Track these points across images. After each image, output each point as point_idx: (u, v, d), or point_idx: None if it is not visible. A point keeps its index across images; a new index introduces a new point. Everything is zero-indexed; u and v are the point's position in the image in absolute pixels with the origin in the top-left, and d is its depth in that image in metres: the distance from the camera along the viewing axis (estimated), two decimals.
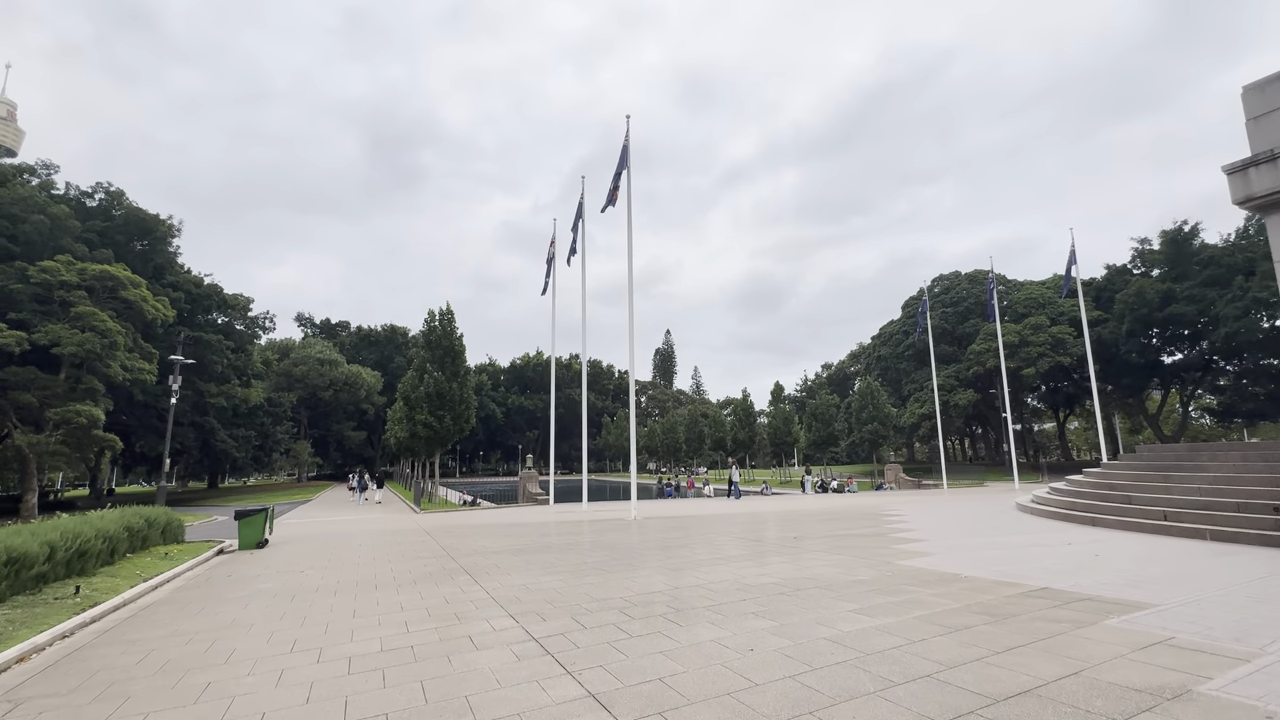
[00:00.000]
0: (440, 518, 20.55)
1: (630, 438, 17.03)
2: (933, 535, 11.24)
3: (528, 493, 27.00)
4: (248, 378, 50.68)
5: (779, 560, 9.02)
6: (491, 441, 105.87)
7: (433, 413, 29.26)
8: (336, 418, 76.15)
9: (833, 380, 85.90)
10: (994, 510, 16.20)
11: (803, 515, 16.70)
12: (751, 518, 16.44)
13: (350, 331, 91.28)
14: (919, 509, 17.68)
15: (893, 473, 36.77)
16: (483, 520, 18.54)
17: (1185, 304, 41.36)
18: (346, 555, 11.70)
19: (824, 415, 49.22)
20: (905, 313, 62.78)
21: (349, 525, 18.96)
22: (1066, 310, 48.63)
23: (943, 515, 15.45)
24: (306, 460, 66.74)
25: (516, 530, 14.83)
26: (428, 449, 31.31)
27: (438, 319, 31.73)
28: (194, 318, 42.91)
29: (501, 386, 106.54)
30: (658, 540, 11.95)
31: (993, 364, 46.99)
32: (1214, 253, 42.15)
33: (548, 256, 24.55)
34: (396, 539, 14.16)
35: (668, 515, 18.09)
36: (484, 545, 12.12)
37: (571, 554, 10.44)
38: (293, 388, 62.81)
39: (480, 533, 14.63)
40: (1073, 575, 7.15)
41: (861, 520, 14.52)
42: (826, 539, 11.22)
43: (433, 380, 29.33)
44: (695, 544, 11.19)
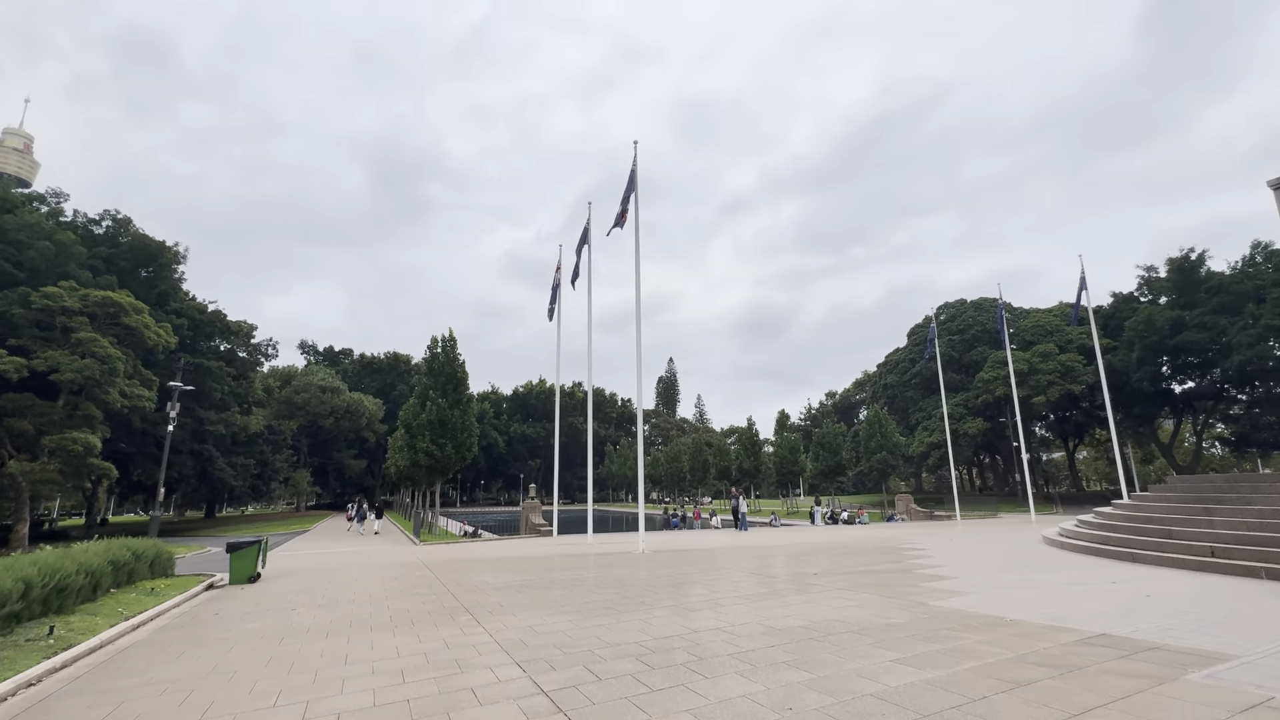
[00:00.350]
0: (440, 550, 19.86)
1: (637, 467, 16.48)
2: (962, 572, 10.62)
3: (530, 524, 26.27)
4: (249, 405, 50.25)
5: (802, 599, 8.43)
6: (493, 470, 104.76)
7: (434, 440, 28.71)
8: (337, 446, 75.43)
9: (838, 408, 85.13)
10: (1020, 544, 15.52)
11: (818, 549, 16.03)
12: (765, 551, 15.78)
13: (353, 359, 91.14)
14: (939, 542, 16.99)
15: (904, 503, 35.90)
16: (484, 553, 17.88)
17: (1196, 331, 40.91)
18: (341, 591, 11.10)
19: (831, 444, 48.44)
20: (911, 340, 62.39)
21: (346, 558, 18.30)
22: (1074, 338, 48.22)
23: (966, 549, 14.79)
24: (306, 489, 65.81)
25: (520, 564, 14.20)
26: (429, 478, 30.67)
27: (440, 345, 31.42)
28: (196, 344, 42.71)
29: (504, 414, 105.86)
30: (669, 576, 11.33)
31: (1002, 392, 46.40)
32: (1222, 280, 41.87)
33: (553, 283, 24.31)
34: (394, 573, 13.54)
35: (677, 548, 17.42)
36: (486, 581, 11.52)
37: (579, 591, 9.84)
38: (294, 415, 62.29)
39: (482, 567, 14.00)
40: (1129, 619, 6.57)
41: (881, 555, 13.86)
42: (849, 575, 10.60)
43: (435, 407, 28.86)
44: (710, 580, 10.58)
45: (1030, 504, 31.04)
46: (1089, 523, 13.79)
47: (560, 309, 24.62)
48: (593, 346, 21.47)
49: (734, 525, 30.21)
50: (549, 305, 24.06)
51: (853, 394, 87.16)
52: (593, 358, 21.21)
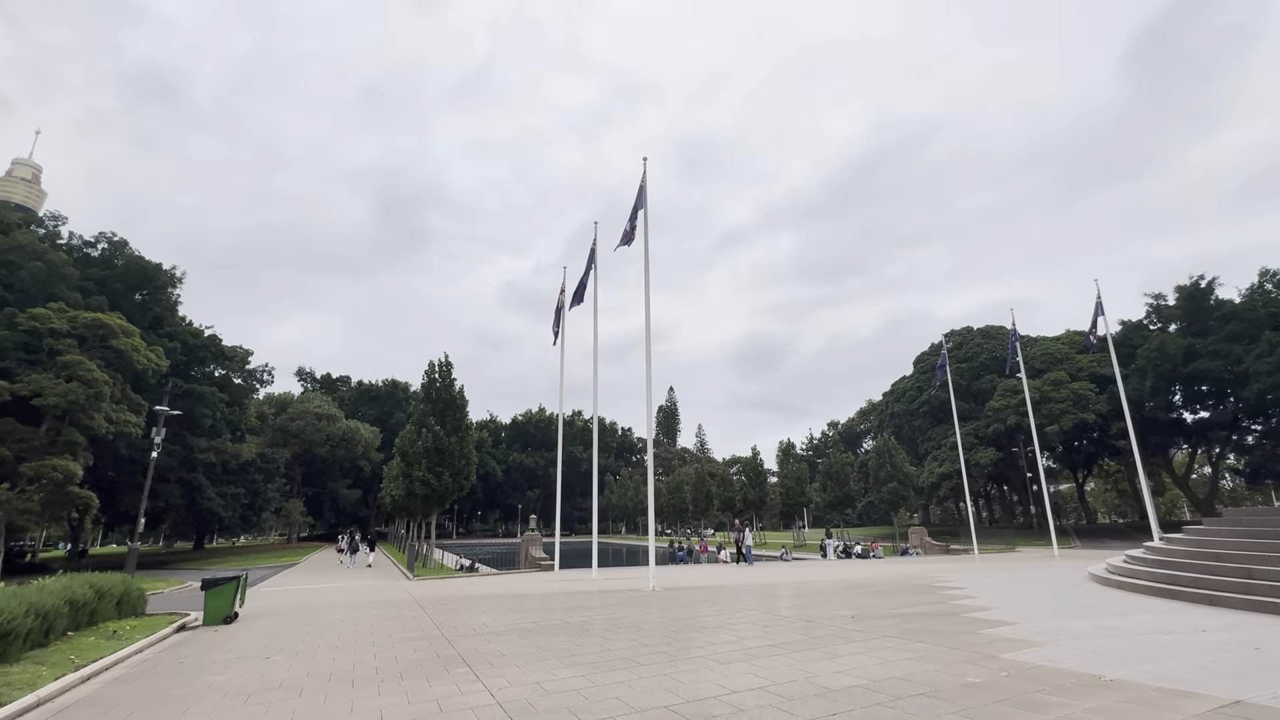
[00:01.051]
0: (435, 586, 18.61)
1: (647, 498, 15.42)
2: (1017, 614, 9.53)
3: (530, 557, 24.98)
4: (241, 432, 49.06)
5: (849, 649, 7.36)
6: (491, 500, 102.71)
7: (431, 469, 27.57)
8: (332, 475, 73.85)
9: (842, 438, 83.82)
10: (1065, 581, 14.35)
11: (843, 586, 14.87)
12: (785, 589, 14.62)
13: (350, 387, 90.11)
14: (973, 578, 15.82)
15: (917, 536, 34.53)
16: (482, 589, 16.66)
17: (1210, 359, 40.12)
18: (324, 635, 9.98)
19: (839, 475, 47.14)
20: (918, 368, 61.51)
21: (334, 594, 17.06)
22: (1085, 366, 47.41)
23: (1008, 587, 13.65)
24: (298, 520, 64.02)
25: (521, 603, 13.04)
26: (425, 508, 29.41)
27: (437, 370, 30.51)
28: (189, 369, 41.79)
29: (503, 443, 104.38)
30: (688, 619, 10.22)
31: (1014, 421, 45.37)
32: (1235, 308, 41.28)
33: (557, 305, 23.55)
34: (384, 613, 12.38)
35: (689, 585, 16.23)
36: (485, 623, 10.39)
37: (590, 637, 8.75)
38: (288, 443, 60.97)
39: (480, 606, 12.85)
40: (1256, 681, 5.53)
41: (917, 593, 12.73)
42: (891, 619, 9.51)
43: (431, 434, 27.80)
44: (736, 624, 9.48)
45: (1052, 537, 29.75)
46: (1143, 559, 12.70)
47: (565, 331, 23.80)
48: (592, 378, 20.57)
49: (736, 559, 28.80)
50: (553, 327, 23.25)
51: (857, 423, 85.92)
52: (589, 389, 20.31)
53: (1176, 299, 46.05)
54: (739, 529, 29.12)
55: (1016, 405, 45.25)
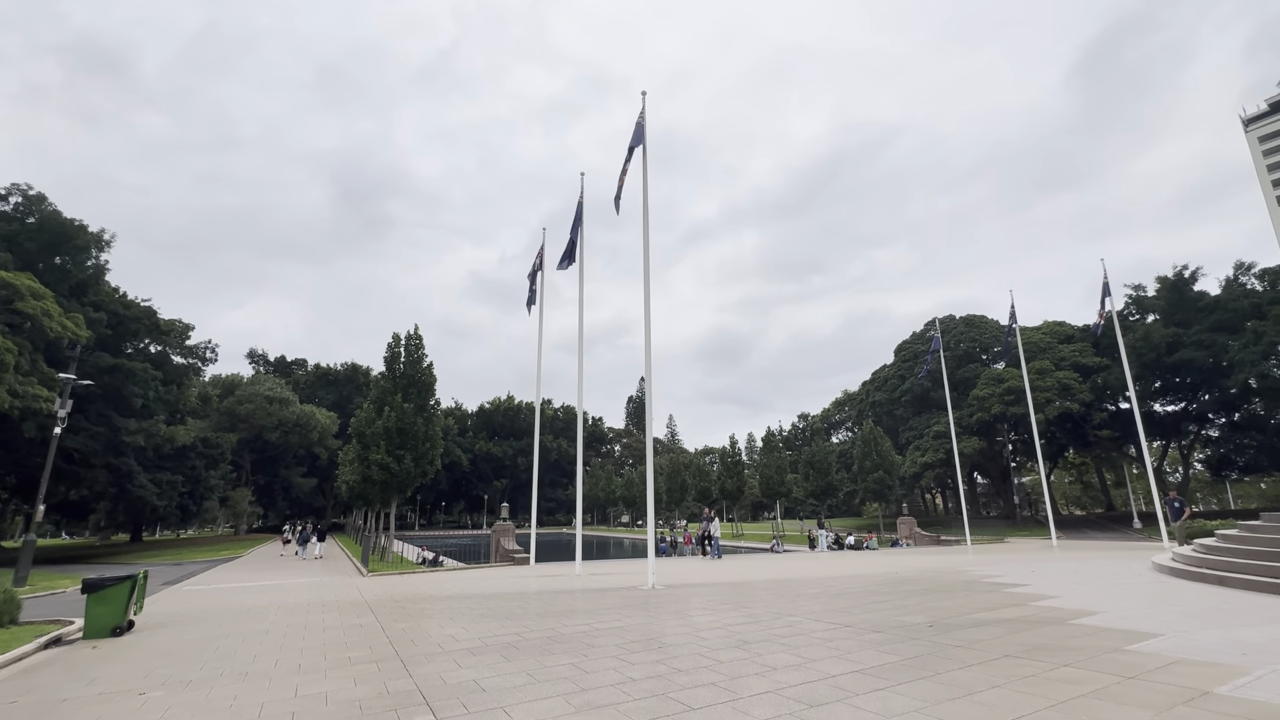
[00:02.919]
0: (393, 583, 16.02)
1: (646, 486, 13.16)
2: (1137, 619, 7.60)
3: (502, 549, 22.49)
4: (182, 414, 44.97)
5: (975, 678, 5.23)
6: (456, 491, 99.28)
7: (391, 452, 24.74)
8: (285, 462, 69.53)
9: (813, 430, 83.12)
10: (1132, 574, 12.58)
11: (880, 583, 12.89)
12: (813, 586, 12.56)
13: (307, 370, 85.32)
14: (1017, 570, 14.03)
15: (907, 527, 33.19)
16: (449, 588, 14.17)
17: (1194, 349, 39.86)
18: (236, 655, 7.44)
19: (822, 464, 45.73)
20: (900, 357, 60.65)
21: (270, 594, 14.34)
22: (1067, 356, 46.98)
23: (1077, 582, 11.83)
24: (246, 510, 59.75)
25: (498, 606, 10.64)
26: (383, 496, 26.58)
27: (402, 344, 27.61)
28: (119, 344, 37.65)
29: (469, 431, 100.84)
30: (718, 628, 7.99)
31: (998, 410, 44.62)
32: (1218, 298, 41.16)
33: (532, 270, 21.01)
34: (324, 621, 9.83)
35: (695, 582, 14.04)
36: (453, 636, 7.98)
37: (598, 657, 6.44)
38: (235, 428, 56.67)
39: (446, 609, 10.40)
40: None
41: (975, 592, 10.79)
42: (981, 628, 7.46)
43: (394, 413, 24.95)
44: (787, 637, 7.29)
45: (1051, 528, 28.65)
46: (1219, 549, 11.04)
47: (542, 321, 21.30)
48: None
49: (703, 552, 25.25)
50: (529, 293, 20.70)
51: (833, 414, 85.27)
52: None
53: (1158, 290, 45.89)
54: (708, 518, 25.94)
55: (1001, 394, 44.52)
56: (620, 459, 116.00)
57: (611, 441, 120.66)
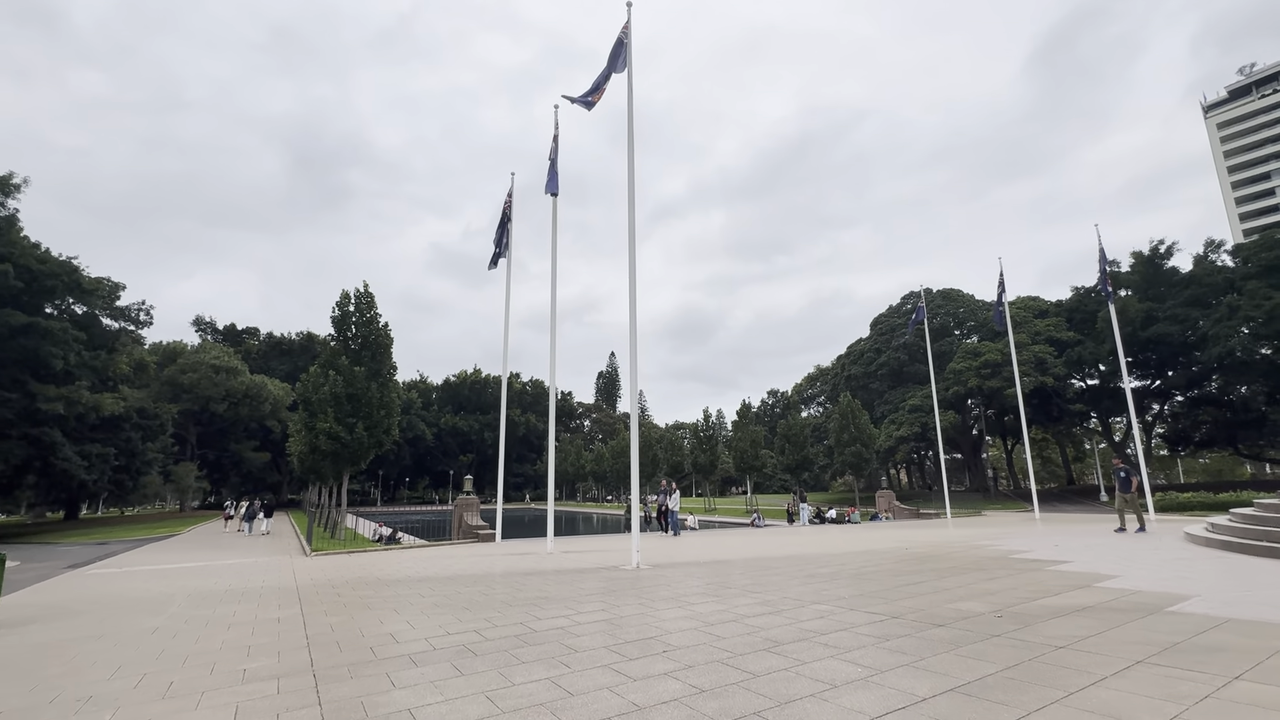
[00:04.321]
0: (337, 563, 14.04)
1: (630, 448, 11.43)
2: (1236, 604, 6.25)
3: (466, 526, 20.62)
4: (115, 382, 41.36)
5: (1122, 700, 3.68)
6: (420, 466, 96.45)
7: (340, 420, 22.47)
8: (235, 436, 65.78)
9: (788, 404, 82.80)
10: (1163, 546, 11.44)
11: (895, 560, 11.50)
12: (821, 565, 11.09)
13: (259, 340, 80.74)
14: (1038, 544, 12.84)
15: (885, 501, 32.49)
16: (401, 568, 12.29)
17: (1168, 324, 39.94)
18: (92, 667, 5.46)
19: (797, 438, 44.86)
20: (876, 330, 60.06)
21: (187, 578, 12.22)
22: (1043, 330, 46.86)
23: (1117, 556, 10.61)
24: (192, 485, 56.19)
25: (455, 592, 8.82)
26: (334, 468, 24.31)
27: (353, 302, 25.11)
28: (37, 302, 33.92)
29: (434, 405, 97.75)
30: (737, 626, 6.33)
31: (974, 383, 44.29)
32: (1193, 273, 41.23)
33: (501, 217, 18.81)
34: (235, 615, 7.86)
35: (683, 561, 12.46)
36: (393, 635, 6.14)
37: (583, 669, 4.70)
38: (179, 399, 52.85)
39: (392, 598, 8.53)
40: None
41: (1013, 571, 9.42)
42: (1058, 618, 5.98)
43: (341, 378, 22.61)
44: (823, 632, 5.66)
45: (1034, 501, 28.13)
46: (1269, 518, 9.94)
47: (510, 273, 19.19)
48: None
49: (661, 528, 22.26)
50: (495, 242, 18.54)
51: (805, 388, 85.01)
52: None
53: (1132, 265, 45.91)
54: (664, 491, 22.43)
55: (978, 367, 44.15)
56: (590, 434, 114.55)
57: (581, 416, 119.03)
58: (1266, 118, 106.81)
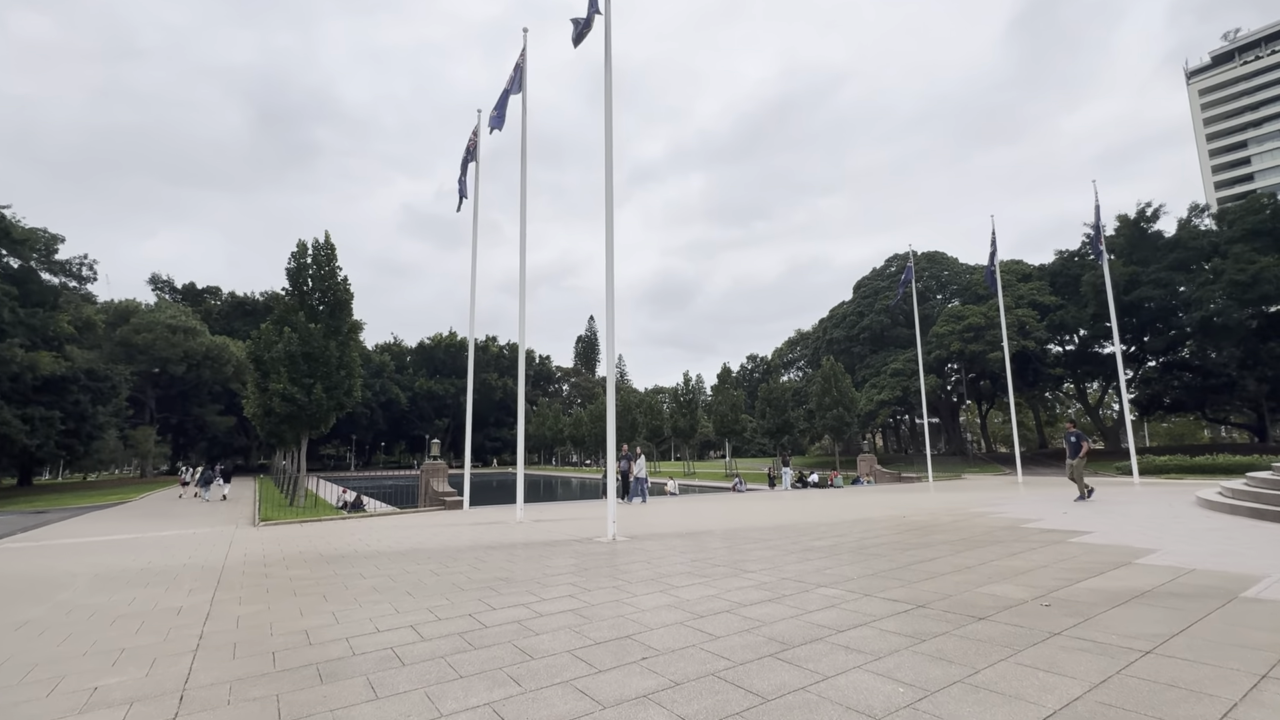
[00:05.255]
0: (283, 535, 12.78)
1: (607, 406, 10.24)
2: None
3: (433, 492, 19.46)
4: (59, 341, 38.83)
5: None
6: (395, 431, 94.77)
7: (296, 380, 20.88)
8: (198, 400, 63.33)
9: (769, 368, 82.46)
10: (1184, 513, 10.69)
11: (896, 531, 10.62)
12: (812, 537, 10.14)
13: (222, 299, 77.31)
14: (1046, 511, 12.10)
15: (867, 464, 32.11)
16: (352, 542, 11.08)
17: (1152, 288, 39.69)
18: None
19: (778, 402, 44.26)
20: (859, 294, 59.30)
21: (107, 552, 10.85)
22: (1025, 294, 46.49)
23: (1136, 524, 9.84)
24: (152, 450, 53.96)
25: (404, 571, 7.61)
26: (292, 431, 22.81)
27: (310, 253, 23.21)
28: None
29: (408, 368, 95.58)
30: (732, 618, 5.24)
31: (957, 347, 43.92)
32: (1179, 236, 40.86)
33: (466, 148, 17.09)
34: (136, 603, 6.55)
35: (669, 532, 11.45)
36: (307, 633, 4.90)
37: (539, 689, 3.53)
38: (133, 360, 50.17)
39: (329, 579, 7.27)
40: None
41: (1027, 541, 8.55)
42: (1117, 606, 5.00)
43: (296, 336, 20.94)
44: (848, 632, 4.60)
45: (1018, 466, 27.90)
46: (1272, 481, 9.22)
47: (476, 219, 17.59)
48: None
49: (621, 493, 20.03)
50: (459, 181, 16.88)
51: (785, 353, 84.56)
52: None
53: (1117, 229, 45.41)
54: (625, 455, 20.64)
55: (961, 331, 43.70)
56: (568, 398, 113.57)
57: (559, 380, 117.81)
58: (1248, 85, 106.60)
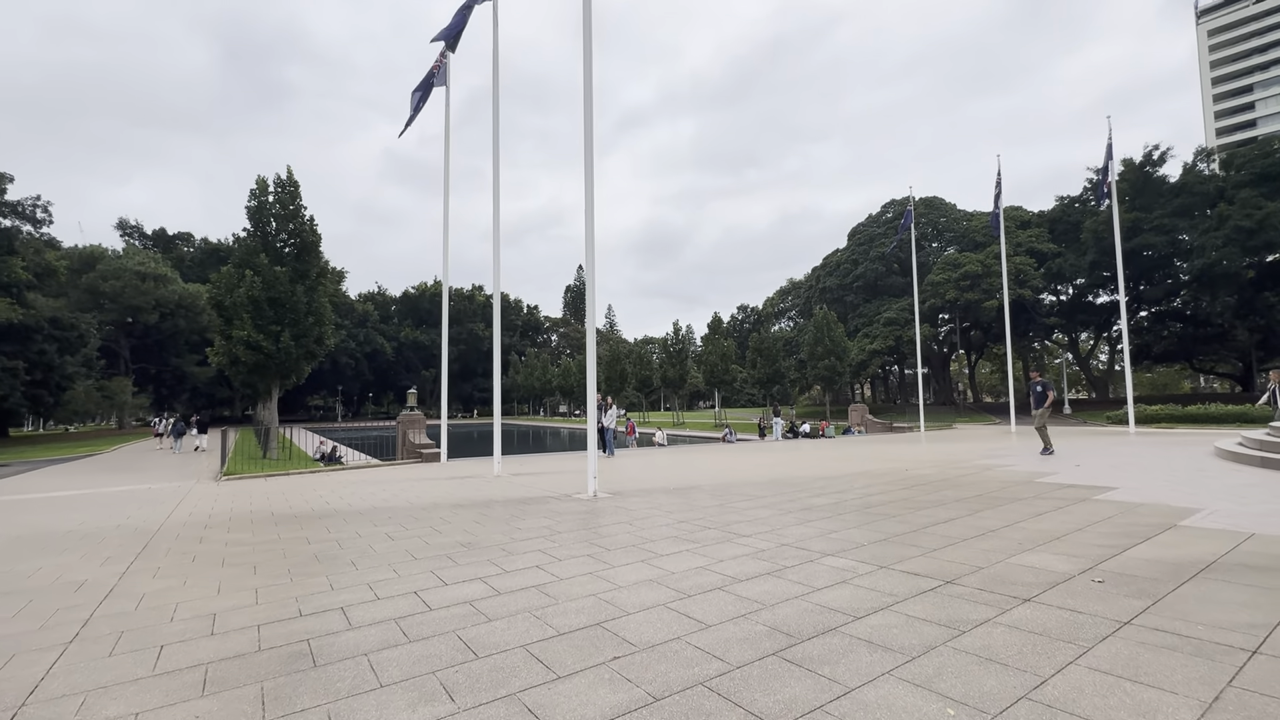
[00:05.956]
0: (244, 490, 11.92)
1: (588, 356, 9.25)
2: None
3: (409, 444, 18.65)
4: (17, 289, 36.99)
5: None
6: (383, 381, 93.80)
7: (262, 328, 19.65)
8: (175, 350, 61.69)
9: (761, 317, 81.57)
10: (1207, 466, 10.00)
11: (898, 487, 9.89)
12: (814, 491, 9.39)
13: (194, 245, 74.46)
14: (1058, 463, 11.47)
15: (858, 414, 31.66)
16: (312, 499, 10.22)
17: (1154, 234, 38.69)
18: None
19: (770, 351, 43.52)
20: (854, 241, 57.86)
21: (47, 510, 9.93)
22: (1024, 241, 45.38)
23: (1163, 479, 9.17)
24: (129, 402, 52.69)
25: (357, 534, 6.73)
26: (262, 381, 21.73)
27: (271, 190, 21.54)
28: None
29: (393, 318, 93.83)
30: (726, 599, 4.41)
31: (952, 295, 43.06)
32: (1185, 181, 39.57)
33: (430, 70, 15.44)
34: (41, 574, 5.59)
35: (654, 487, 10.67)
36: (224, 621, 3.97)
37: (488, 705, 2.66)
38: (101, 308, 48.27)
39: (267, 546, 6.35)
40: None
41: (1049, 499, 7.83)
42: (1188, 583, 4.21)
43: (258, 280, 19.58)
44: (866, 619, 3.76)
45: (1012, 416, 27.52)
46: None
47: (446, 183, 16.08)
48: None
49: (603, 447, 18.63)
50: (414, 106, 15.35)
51: (776, 302, 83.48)
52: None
53: (1121, 173, 43.98)
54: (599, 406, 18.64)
55: (957, 279, 42.77)
56: (557, 349, 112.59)
57: (549, 330, 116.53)
58: (1258, 25, 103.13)
